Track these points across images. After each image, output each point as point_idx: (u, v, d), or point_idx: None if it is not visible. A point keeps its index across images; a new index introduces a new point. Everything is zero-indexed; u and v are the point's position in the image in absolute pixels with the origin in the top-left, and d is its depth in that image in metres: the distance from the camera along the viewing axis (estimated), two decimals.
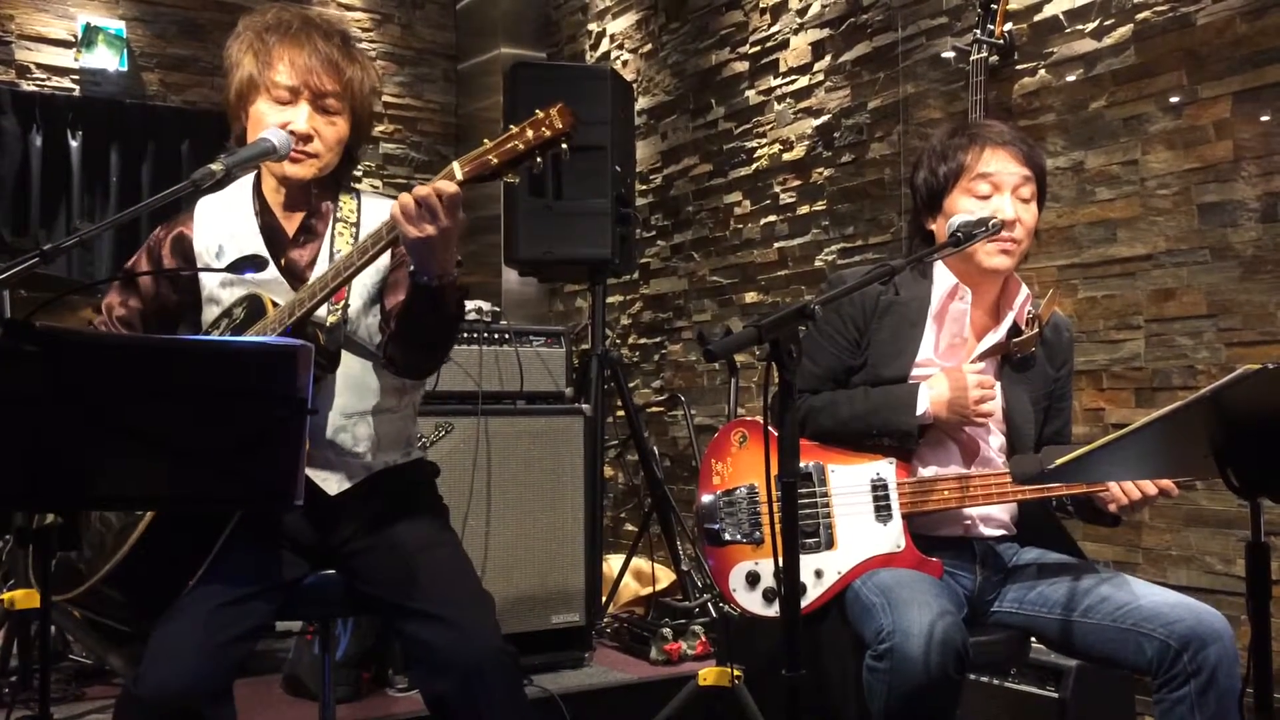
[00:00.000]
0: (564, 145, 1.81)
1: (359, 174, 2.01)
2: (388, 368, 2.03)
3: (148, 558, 1.87)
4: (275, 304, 1.96)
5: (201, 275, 2.08)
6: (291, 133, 1.99)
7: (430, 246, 1.78)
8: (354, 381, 2.04)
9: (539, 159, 1.81)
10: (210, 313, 2.07)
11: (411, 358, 1.99)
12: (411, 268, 1.86)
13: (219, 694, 1.78)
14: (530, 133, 1.80)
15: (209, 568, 1.87)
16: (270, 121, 2.00)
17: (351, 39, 2.11)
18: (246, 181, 2.14)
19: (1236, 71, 2.96)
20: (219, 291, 2.06)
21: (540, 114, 1.81)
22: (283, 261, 2.07)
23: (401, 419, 2.13)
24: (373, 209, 2.13)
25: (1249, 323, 2.92)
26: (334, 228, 2.09)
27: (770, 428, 1.91)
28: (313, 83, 2.00)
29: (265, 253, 2.05)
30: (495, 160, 1.80)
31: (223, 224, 2.11)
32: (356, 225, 2.09)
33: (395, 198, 1.84)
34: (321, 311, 1.94)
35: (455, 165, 1.82)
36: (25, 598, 2.84)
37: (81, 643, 3.10)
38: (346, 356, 2.01)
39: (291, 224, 2.11)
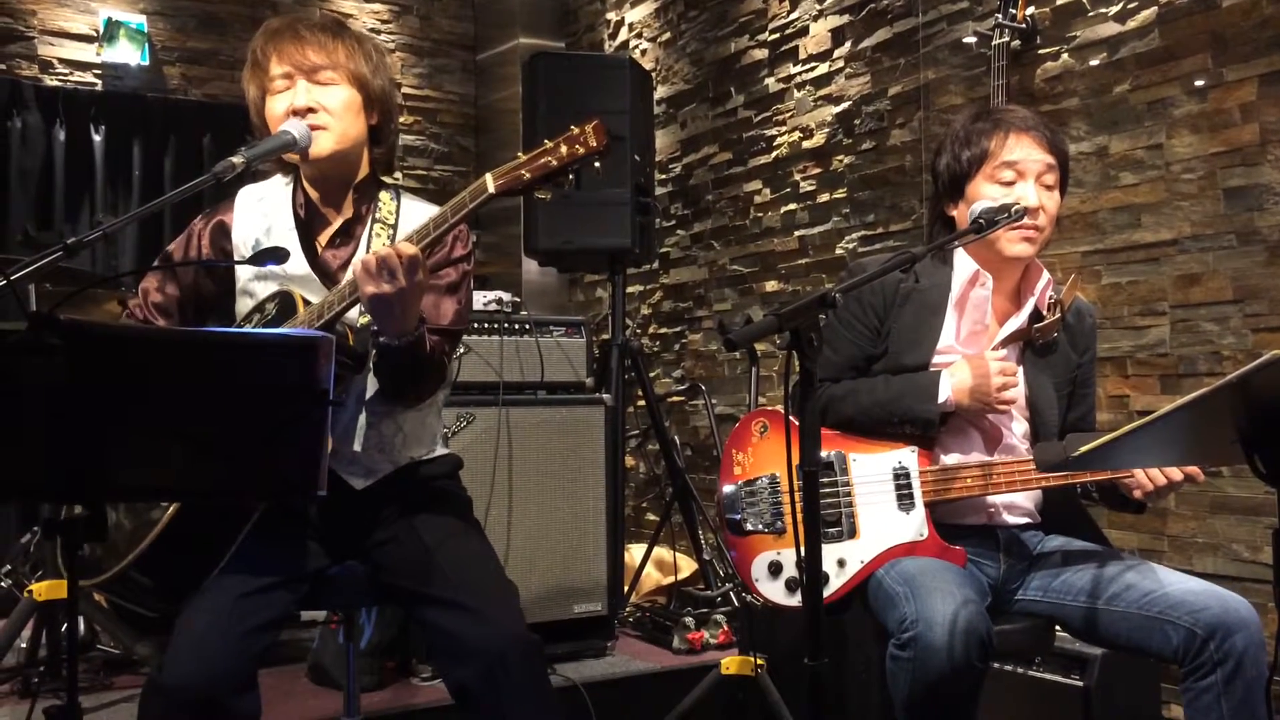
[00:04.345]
0: (596, 164, 1.81)
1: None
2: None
3: (175, 543, 1.88)
4: (306, 301, 1.96)
5: (236, 267, 2.09)
6: (294, 111, 2.01)
7: (387, 304, 1.79)
8: None
9: (571, 176, 1.81)
10: (243, 304, 2.09)
11: (390, 395, 2.01)
12: (374, 326, 1.88)
13: (243, 683, 1.80)
14: (564, 149, 1.80)
15: (234, 557, 1.89)
16: (278, 110, 2.03)
17: (345, 25, 2.14)
18: (290, 176, 2.16)
19: (1262, 54, 2.92)
20: (252, 284, 2.07)
21: (575, 130, 1.80)
22: (316, 259, 2.08)
23: (427, 415, 2.14)
24: (412, 211, 2.12)
25: (1275, 308, 2.89)
26: (371, 227, 2.09)
27: (791, 417, 1.91)
28: (299, 61, 2.03)
29: (299, 248, 2.06)
30: (528, 175, 1.81)
31: (262, 216, 2.12)
32: (394, 227, 2.08)
33: (437, 204, 1.86)
34: (353, 313, 1.94)
35: (488, 177, 1.82)
36: (53, 588, 2.87)
37: (109, 633, 3.13)
38: None
39: (330, 220, 2.12)
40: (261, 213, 2.12)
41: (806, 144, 4.43)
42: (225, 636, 1.78)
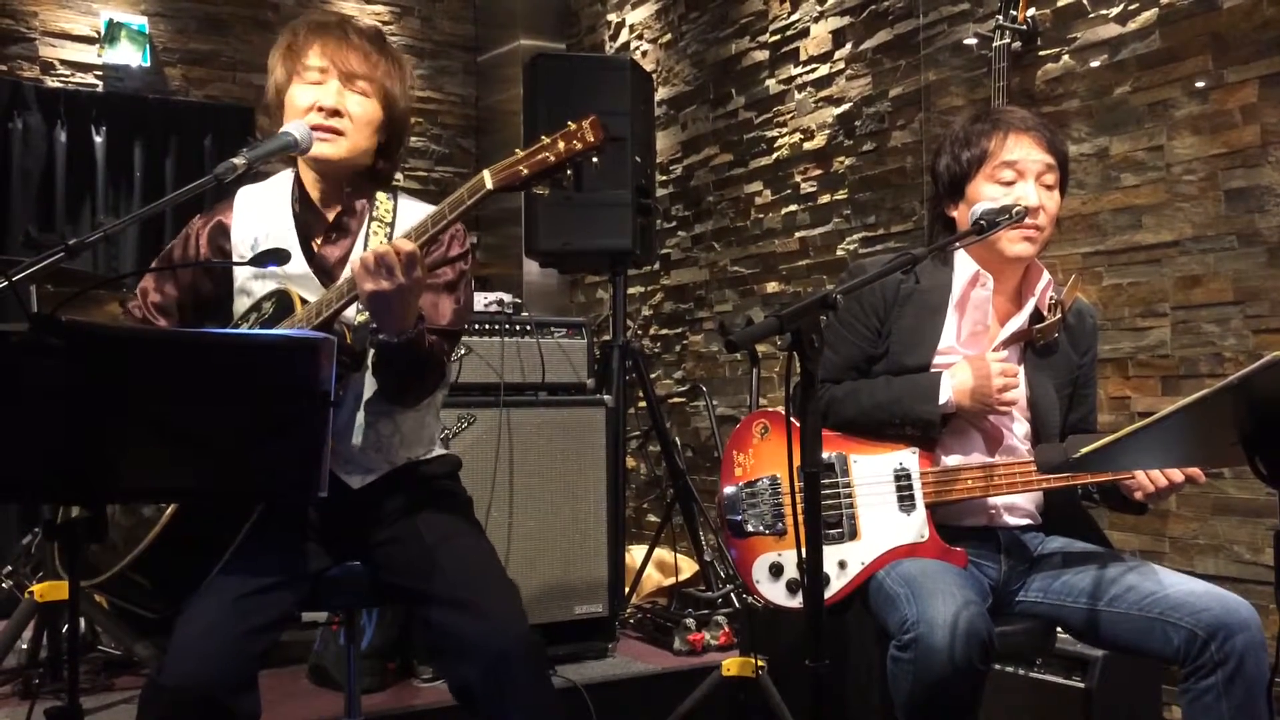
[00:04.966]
0: (594, 160, 1.81)
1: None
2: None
3: (174, 544, 1.88)
4: (303, 300, 1.96)
5: (234, 267, 2.09)
6: (320, 108, 2.01)
7: (385, 301, 1.80)
8: None
9: (569, 172, 1.82)
10: (241, 304, 2.09)
11: (390, 395, 2.01)
12: (372, 324, 1.88)
13: (243, 684, 1.79)
14: (562, 144, 1.80)
15: (233, 558, 1.89)
16: (301, 102, 2.02)
17: (388, 41, 2.15)
18: (288, 174, 2.16)
19: (1263, 55, 2.92)
20: (250, 284, 2.07)
21: (572, 126, 1.81)
22: (314, 257, 2.08)
23: (425, 415, 2.14)
24: (410, 211, 2.12)
25: (1276, 309, 2.89)
26: (368, 226, 2.09)
27: (792, 418, 1.91)
28: (341, 62, 2.03)
29: (298, 247, 2.05)
30: (526, 171, 1.81)
31: (260, 215, 2.12)
32: (391, 225, 2.09)
33: (434, 205, 1.86)
34: (350, 311, 1.94)
35: (486, 174, 1.82)
36: (54, 589, 2.87)
37: (109, 633, 3.13)
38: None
39: (326, 217, 2.12)
40: (260, 212, 2.12)
41: (807, 145, 4.43)
42: (225, 637, 1.78)
